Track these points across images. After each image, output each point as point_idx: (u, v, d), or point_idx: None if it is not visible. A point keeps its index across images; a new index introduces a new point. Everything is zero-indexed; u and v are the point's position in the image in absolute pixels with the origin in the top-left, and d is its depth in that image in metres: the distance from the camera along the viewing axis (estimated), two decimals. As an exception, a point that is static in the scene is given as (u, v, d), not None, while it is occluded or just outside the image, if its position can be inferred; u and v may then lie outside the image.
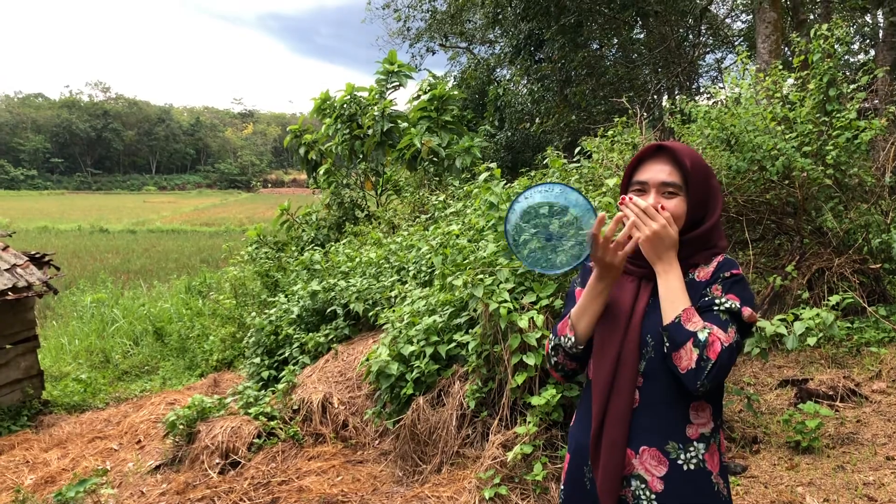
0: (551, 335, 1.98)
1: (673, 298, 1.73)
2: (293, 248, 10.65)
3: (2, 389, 8.05)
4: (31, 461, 6.37)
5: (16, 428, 7.67)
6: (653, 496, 1.75)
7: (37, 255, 8.80)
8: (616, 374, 1.82)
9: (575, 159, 6.59)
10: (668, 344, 1.71)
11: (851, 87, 6.05)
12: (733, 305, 1.73)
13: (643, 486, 1.76)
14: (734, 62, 7.07)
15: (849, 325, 5.92)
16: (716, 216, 1.87)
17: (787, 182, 6.19)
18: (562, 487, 2.01)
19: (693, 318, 1.69)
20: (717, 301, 1.74)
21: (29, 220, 41.05)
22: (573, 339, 1.88)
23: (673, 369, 1.71)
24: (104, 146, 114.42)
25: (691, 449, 1.76)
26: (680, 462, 1.75)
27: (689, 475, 1.75)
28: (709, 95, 7.50)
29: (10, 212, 44.53)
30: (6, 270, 7.93)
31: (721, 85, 7.10)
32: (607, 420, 1.81)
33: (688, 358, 1.66)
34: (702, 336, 1.65)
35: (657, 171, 1.83)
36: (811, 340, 4.11)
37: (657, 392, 1.78)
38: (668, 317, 1.72)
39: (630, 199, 1.81)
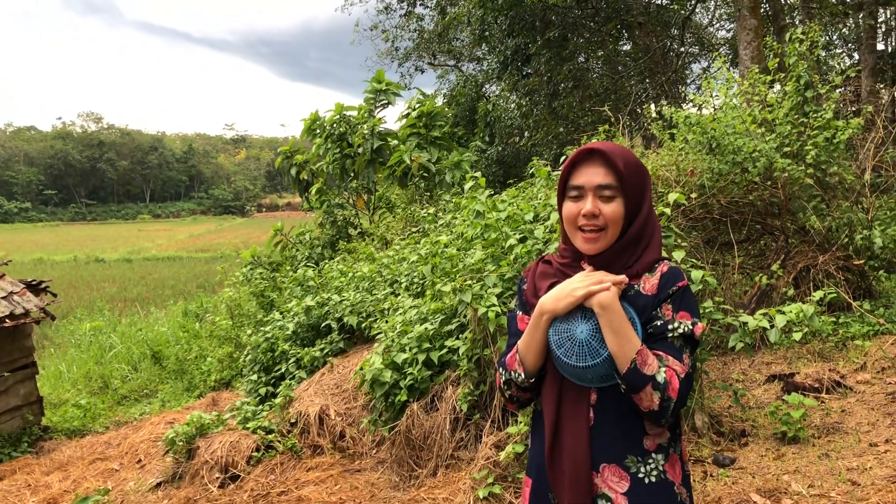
0: (500, 369, 1.91)
1: (621, 341, 1.65)
2: (287, 268, 10.74)
3: (2, 416, 8.11)
4: (32, 485, 6.42)
5: (16, 454, 7.72)
6: None
7: (34, 283, 8.88)
8: (568, 397, 1.78)
9: (560, 168, 6.70)
10: (624, 387, 1.66)
11: (826, 87, 6.19)
12: (686, 329, 1.71)
13: None
14: (717, 69, 7.19)
15: (834, 320, 6.02)
16: (647, 205, 1.82)
17: (769, 183, 6.31)
18: None
19: (648, 360, 1.64)
20: (670, 326, 1.71)
21: (24, 253, 41.14)
22: (523, 374, 1.82)
23: (633, 404, 1.68)
24: (98, 176, 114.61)
25: (650, 461, 1.74)
26: (641, 475, 1.73)
27: (652, 488, 1.73)
28: (694, 105, 7.61)
29: (4, 245, 44.58)
30: (3, 298, 8.01)
31: (707, 92, 7.22)
32: (566, 443, 1.76)
33: (649, 400, 1.63)
34: (660, 378, 1.62)
35: (592, 175, 1.77)
36: (796, 336, 4.21)
37: (611, 408, 1.73)
38: (621, 363, 1.64)
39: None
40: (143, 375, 11.64)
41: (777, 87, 6.93)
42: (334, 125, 11.62)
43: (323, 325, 6.83)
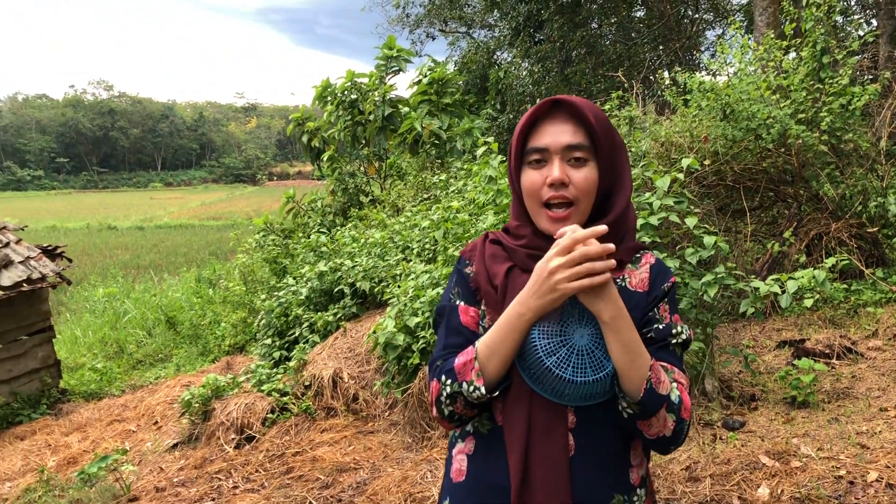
0: (442, 377, 1.44)
1: (633, 356, 1.31)
2: (300, 235, 10.80)
3: (21, 378, 8.25)
4: (52, 444, 6.56)
5: (35, 415, 7.87)
6: None
7: (49, 248, 8.98)
8: (539, 417, 1.39)
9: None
10: (631, 412, 1.34)
11: (843, 53, 6.13)
12: (686, 335, 1.46)
13: None
14: (732, 35, 7.13)
15: (846, 287, 6.02)
16: (627, 185, 1.49)
17: (783, 150, 6.27)
18: None
19: (661, 377, 1.33)
20: (673, 331, 1.43)
21: (37, 220, 41.40)
22: (483, 388, 1.38)
23: (633, 431, 1.38)
24: (110, 144, 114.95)
25: (636, 499, 1.45)
26: None
27: None
28: (708, 72, 7.54)
29: (18, 212, 44.89)
30: (20, 262, 8.11)
31: (722, 58, 7.15)
32: (538, 478, 1.38)
33: (660, 425, 1.34)
34: (674, 397, 1.34)
35: (558, 133, 1.41)
36: (808, 302, 4.24)
37: (594, 434, 1.40)
38: (633, 383, 1.31)
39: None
40: (158, 340, 11.78)
41: (793, 53, 6.85)
42: (345, 92, 11.58)
43: (336, 290, 6.89)
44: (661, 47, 16.47)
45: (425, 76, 11.05)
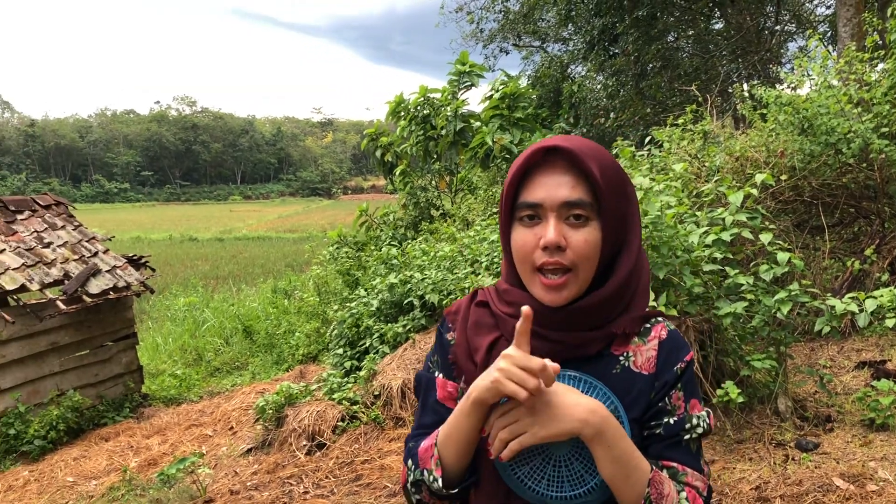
0: (408, 459, 1.30)
1: (626, 471, 1.11)
2: (372, 248, 10.99)
3: (106, 383, 8.64)
4: (134, 446, 6.85)
5: (119, 418, 8.23)
6: None
7: (134, 258, 9.39)
8: None
9: (646, 148, 6.66)
10: None
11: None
12: (704, 425, 1.22)
13: None
14: (814, 47, 6.97)
15: (932, 307, 5.78)
16: (636, 242, 1.25)
17: (864, 165, 6.09)
18: None
19: (664, 490, 1.14)
20: (687, 426, 1.20)
21: (123, 231, 43.15)
22: (440, 480, 1.21)
23: None
24: (192, 158, 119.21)
25: None
26: None
27: None
28: (788, 85, 7.38)
29: (105, 223, 46.76)
30: (107, 271, 8.51)
31: (800, 71, 7.00)
32: None
33: None
34: None
35: (555, 186, 1.17)
36: (889, 322, 4.09)
37: None
38: (628, 501, 1.13)
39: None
40: (235, 349, 12.14)
41: (879, 65, 6.65)
42: (418, 107, 11.77)
43: (405, 301, 6.99)
44: (739, 60, 16.14)
45: (497, 91, 11.14)
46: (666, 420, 1.19)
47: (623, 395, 1.19)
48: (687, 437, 1.20)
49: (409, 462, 1.28)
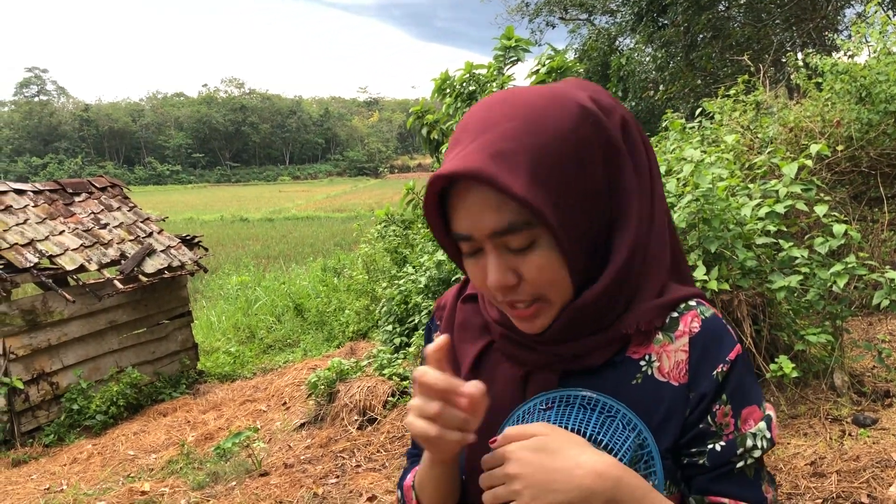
0: (399, 485, 1.15)
1: None
2: (419, 226, 11.02)
3: (163, 360, 8.89)
4: (191, 421, 7.05)
5: (176, 394, 8.46)
6: None
7: (187, 238, 9.59)
8: None
9: (696, 120, 6.54)
10: None
11: None
12: (764, 441, 0.91)
13: None
14: (874, 13, 6.73)
15: None
16: (637, 205, 0.90)
17: (926, 133, 5.89)
18: None
19: None
20: (739, 451, 0.89)
21: (176, 212, 44.01)
22: None
23: None
24: (241, 140, 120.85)
25: None
26: None
27: None
28: (845, 52, 7.16)
29: (159, 205, 47.72)
30: (162, 251, 8.72)
31: (858, 38, 6.78)
32: None
33: None
34: None
35: (477, 212, 0.84)
36: (951, 294, 3.98)
37: None
38: None
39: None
40: (287, 326, 12.35)
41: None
42: (464, 84, 11.68)
43: (453, 278, 7.01)
44: (793, 28, 15.67)
45: (544, 65, 11.01)
46: (711, 446, 0.89)
47: (648, 416, 0.89)
48: (741, 463, 0.89)
49: (399, 491, 1.13)
